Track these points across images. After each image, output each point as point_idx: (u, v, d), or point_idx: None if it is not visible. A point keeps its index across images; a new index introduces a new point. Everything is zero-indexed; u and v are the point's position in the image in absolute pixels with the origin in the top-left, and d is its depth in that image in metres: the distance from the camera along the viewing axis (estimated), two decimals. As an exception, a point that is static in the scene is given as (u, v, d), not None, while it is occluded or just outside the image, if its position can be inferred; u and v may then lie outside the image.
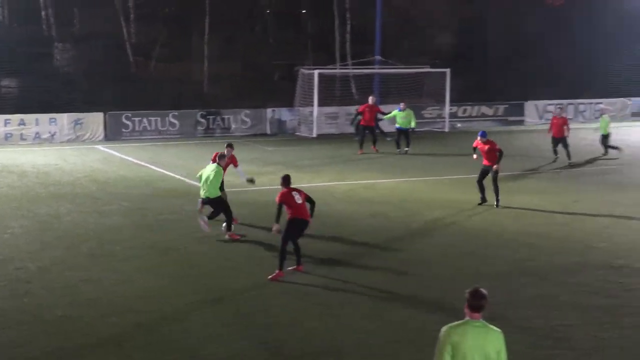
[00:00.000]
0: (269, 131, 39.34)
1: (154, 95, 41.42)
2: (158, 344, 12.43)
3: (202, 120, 38.21)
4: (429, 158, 31.85)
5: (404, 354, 12.06)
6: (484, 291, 8.10)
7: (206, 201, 18.84)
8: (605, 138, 32.01)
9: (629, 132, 39.73)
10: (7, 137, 34.86)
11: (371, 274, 16.10)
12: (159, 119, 37.44)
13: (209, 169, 18.77)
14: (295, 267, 16.10)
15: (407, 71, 41.97)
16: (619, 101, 46.10)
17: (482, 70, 49.58)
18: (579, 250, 17.83)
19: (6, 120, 35.07)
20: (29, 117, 35.36)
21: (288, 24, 51.39)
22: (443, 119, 41.37)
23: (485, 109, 43.56)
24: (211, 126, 38.32)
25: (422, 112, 40.74)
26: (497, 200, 21.96)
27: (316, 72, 38.72)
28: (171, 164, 29.63)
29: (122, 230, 19.67)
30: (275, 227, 16.02)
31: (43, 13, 44.27)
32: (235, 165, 20.17)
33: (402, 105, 33.04)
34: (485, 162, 22.03)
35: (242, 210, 20.40)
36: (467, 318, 8.12)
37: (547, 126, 32.76)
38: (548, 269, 16.47)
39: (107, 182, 26.02)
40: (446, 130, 40.73)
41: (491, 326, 8.10)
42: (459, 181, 26.29)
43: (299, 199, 15.84)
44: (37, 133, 35.35)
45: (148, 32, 46.37)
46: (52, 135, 35.61)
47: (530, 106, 44.15)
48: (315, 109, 38.65)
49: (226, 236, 18.74)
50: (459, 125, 41.92)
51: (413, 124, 32.94)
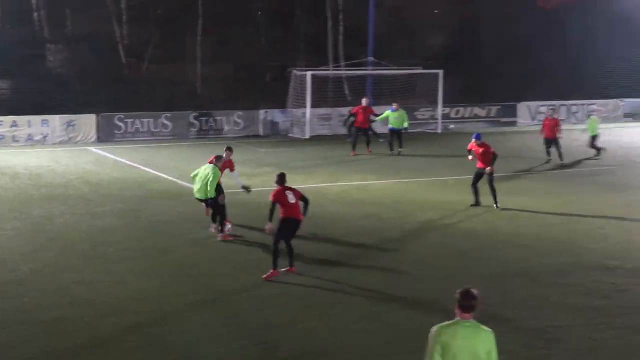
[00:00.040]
0: (261, 133, 39.33)
1: (147, 96, 41.37)
2: (154, 345, 12.43)
3: (195, 122, 38.17)
4: (422, 159, 31.88)
5: (399, 355, 12.08)
6: (475, 292, 8.12)
7: (201, 201, 18.89)
8: (594, 139, 32.13)
9: (621, 134, 39.88)
10: (0, 139, 34.80)
11: (365, 275, 16.13)
12: (151, 120, 37.40)
13: (205, 170, 18.79)
14: (287, 268, 16.11)
15: (400, 72, 41.98)
16: (611, 102, 46.23)
17: (475, 72, 49.62)
18: (572, 252, 17.88)
19: (-1, 122, 35.08)
20: (22, 119, 35.26)
21: (281, 25, 51.37)
22: (436, 120, 41.42)
23: (478, 111, 43.62)
24: (204, 128, 38.29)
25: (415, 113, 40.77)
26: (496, 202, 21.93)
27: (309, 73, 38.71)
28: (164, 165, 29.59)
29: (116, 232, 19.65)
30: (268, 226, 16.04)
31: (35, 14, 44.17)
32: (232, 170, 20.16)
33: (395, 106, 33.07)
34: (479, 164, 22.02)
35: (236, 211, 20.37)
36: (457, 318, 8.14)
37: (539, 127, 32.84)
38: (541, 270, 16.51)
39: (100, 184, 25.98)
40: (439, 131, 40.77)
41: (482, 326, 8.12)
42: (452, 182, 26.33)
43: (292, 198, 15.86)
44: (29, 135, 35.25)
45: (141, 34, 46.33)
46: (45, 137, 35.52)
47: (522, 107, 44.21)
48: (308, 110, 38.64)
49: (219, 238, 18.75)
50: (452, 126, 41.98)
51: (406, 125, 32.99)
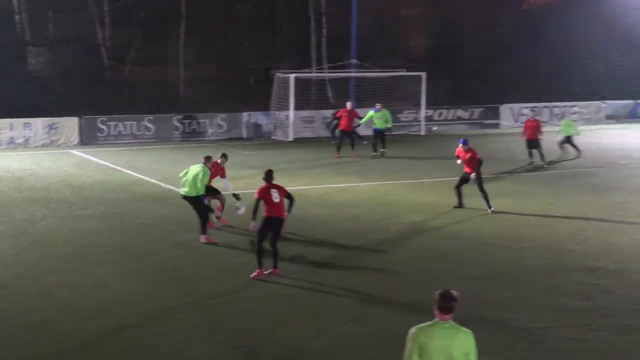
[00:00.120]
0: (245, 135, 39.29)
1: (130, 99, 41.23)
2: (137, 348, 12.39)
3: (178, 125, 38.10)
4: (405, 161, 31.92)
5: (385, 356, 12.05)
6: (454, 293, 8.12)
7: (185, 198, 18.92)
8: (568, 139, 32.20)
9: (603, 135, 40.08)
10: (-18, 142, 34.65)
11: (349, 277, 16.12)
12: (134, 123, 37.30)
13: (195, 169, 18.82)
14: (271, 270, 16.08)
15: (383, 74, 42.06)
16: (593, 104, 46.44)
17: (458, 74, 49.74)
18: (555, 253, 17.93)
19: (-20, 125, 34.88)
20: (3, 122, 35.03)
21: (263, 28, 51.31)
22: (419, 122, 41.49)
23: (460, 112, 43.73)
24: (187, 130, 38.22)
25: (399, 115, 40.82)
26: (489, 206, 21.90)
27: (292, 75, 38.71)
28: (147, 168, 29.51)
29: (98, 234, 19.58)
30: (252, 224, 16.07)
31: (17, 17, 43.92)
32: (223, 177, 20.18)
33: (378, 106, 33.07)
34: (466, 169, 22.03)
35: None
36: (436, 319, 8.13)
37: (522, 129, 32.95)
38: (524, 271, 16.56)
39: (82, 187, 25.88)
40: (422, 133, 40.85)
41: (461, 328, 8.09)
42: (435, 184, 26.38)
43: (276, 197, 15.84)
44: (11, 138, 35.06)
45: (123, 36, 46.16)
46: (27, 140, 35.36)
47: (505, 109, 44.34)
48: (291, 112, 38.63)
49: (201, 240, 18.72)
50: (435, 128, 42.07)
51: (389, 125, 33.00)
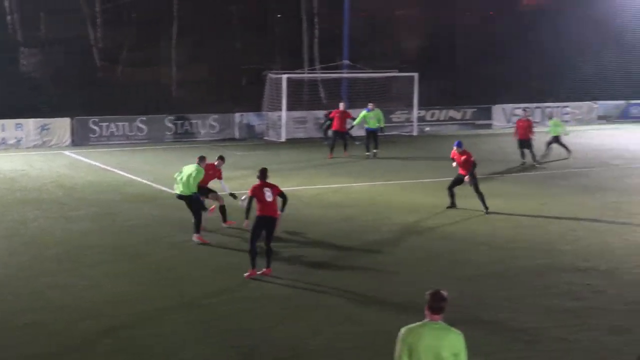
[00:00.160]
0: (237, 136, 39.25)
1: (122, 100, 41.16)
2: (129, 348, 12.36)
3: (170, 125, 38.04)
4: (398, 162, 31.93)
5: (378, 356, 12.03)
6: (444, 293, 8.11)
7: (180, 197, 18.99)
8: (556, 139, 32.23)
9: (595, 136, 40.16)
10: (-27, 143, 34.56)
11: (343, 277, 16.11)
12: (126, 124, 37.23)
13: (189, 168, 18.92)
14: (263, 270, 16.06)
15: (376, 75, 42.07)
16: (585, 105, 46.52)
17: (450, 74, 49.78)
18: (547, 253, 17.95)
19: (-28, 126, 34.79)
20: (-5, 123, 35.08)
21: (256, 29, 51.29)
22: (411, 123, 41.51)
23: (453, 113, 43.76)
24: (179, 131, 38.17)
25: (391, 116, 40.83)
26: (486, 207, 21.91)
27: (284, 76, 38.69)
28: (139, 169, 29.46)
29: (90, 235, 19.54)
30: (246, 222, 16.14)
31: (8, 17, 43.80)
32: (220, 179, 20.25)
33: (370, 105, 33.04)
34: (460, 171, 22.03)
35: (213, 213, 20.36)
36: (427, 320, 8.13)
37: (514, 130, 32.97)
38: (516, 271, 16.58)
39: (74, 188, 25.83)
40: (415, 134, 40.87)
41: (451, 328, 8.07)
42: (428, 185, 26.39)
43: (269, 196, 15.83)
44: (3, 139, 34.94)
45: (115, 37, 46.08)
46: (19, 141, 35.26)
47: (497, 110, 44.39)
48: (284, 113, 38.61)
49: (194, 239, 18.74)
50: (427, 129, 42.09)
51: (382, 124, 32.97)
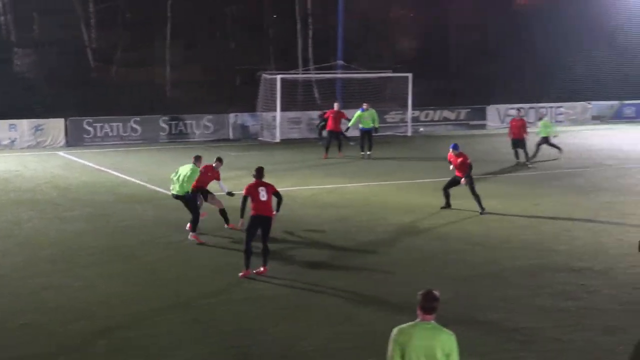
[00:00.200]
0: (231, 136, 39.25)
1: (116, 100, 41.15)
2: (124, 349, 12.34)
3: (165, 126, 38.02)
4: (392, 162, 31.94)
5: (373, 357, 12.04)
6: (436, 293, 8.13)
7: (176, 197, 19.10)
8: (546, 139, 32.23)
9: (588, 136, 40.24)
10: (-33, 143, 34.49)
11: (338, 278, 16.11)
12: (120, 124, 37.20)
13: (185, 168, 19.04)
14: (257, 270, 16.07)
15: (370, 76, 42.10)
16: (579, 105, 46.61)
17: (444, 75, 49.83)
18: (541, 253, 17.96)
19: (-35, 126, 34.71)
20: (-11, 123, 35.01)
21: (250, 29, 51.30)
22: (406, 123, 41.54)
23: (447, 113, 43.82)
24: (174, 132, 38.15)
25: (385, 116, 40.86)
26: (482, 208, 21.93)
27: (279, 76, 38.68)
28: (133, 169, 29.44)
29: (84, 236, 19.51)
30: (241, 222, 16.12)
31: (2, 18, 43.77)
32: (218, 180, 20.28)
33: (364, 105, 33.03)
34: (457, 173, 22.06)
35: (209, 213, 20.36)
36: (418, 320, 8.15)
37: (507, 129, 32.99)
38: (511, 271, 16.58)
39: (68, 189, 25.80)
40: (409, 134, 40.90)
41: (443, 329, 8.09)
42: (422, 185, 26.41)
43: (263, 195, 15.82)
44: (-4, 139, 34.99)
45: (109, 38, 46.06)
46: (13, 142, 35.21)
47: (492, 110, 44.46)
48: (278, 113, 38.60)
49: (190, 237, 18.78)
50: (421, 129, 42.11)
51: (376, 124, 32.95)
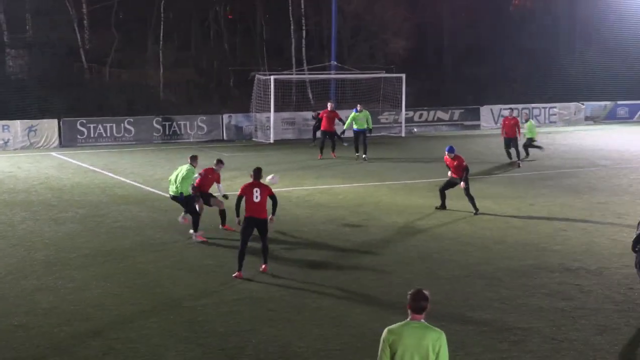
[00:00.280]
0: (225, 137, 39.25)
1: (109, 101, 41.14)
2: (116, 351, 12.31)
3: (158, 127, 38.00)
4: (386, 163, 31.95)
5: (368, 357, 12.03)
6: (426, 293, 8.23)
7: (173, 198, 19.25)
8: (530, 141, 32.26)
9: (582, 136, 40.30)
10: (-40, 144, 34.43)
11: (330, 278, 16.09)
12: (114, 125, 37.19)
13: (181, 169, 19.17)
14: (254, 270, 16.09)
15: (363, 76, 42.12)
16: (572, 106, 46.69)
17: (438, 75, 49.89)
18: (535, 253, 17.98)
19: (-42, 127, 34.67)
20: (-18, 125, 34.95)
21: (243, 30, 51.31)
22: (399, 124, 41.57)
23: (441, 114, 43.87)
24: (167, 132, 38.13)
25: (379, 117, 40.91)
26: (476, 209, 21.92)
27: (272, 77, 38.68)
28: (127, 170, 29.42)
29: (78, 237, 19.47)
30: (237, 221, 16.14)
31: (-5, 19, 43.77)
32: (218, 182, 20.28)
33: (358, 106, 33.05)
34: (454, 175, 22.12)
35: (204, 215, 20.34)
36: (408, 319, 8.22)
37: (501, 128, 33.03)
38: (505, 271, 16.58)
39: (62, 189, 25.76)
40: (402, 135, 40.93)
41: (432, 327, 8.19)
42: (416, 186, 26.43)
43: (257, 197, 15.82)
44: (-10, 140, 34.94)
45: (102, 39, 46.02)
46: (6, 142, 35.18)
47: (485, 111, 44.52)
48: (272, 114, 38.61)
49: (194, 238, 18.93)
50: (415, 130, 42.15)
51: (370, 126, 32.95)
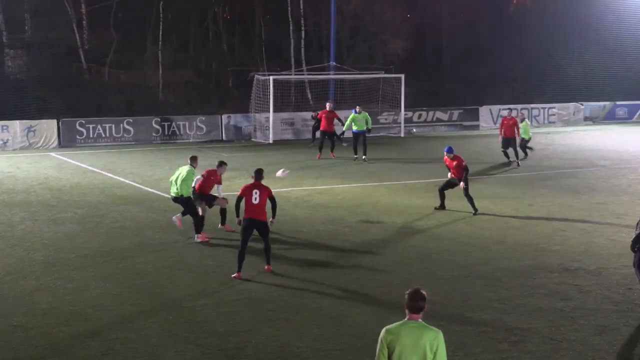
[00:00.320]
0: (224, 137, 39.25)
1: (108, 102, 41.14)
2: (116, 351, 12.30)
3: (157, 127, 38.00)
4: (385, 163, 31.95)
5: (366, 358, 12.03)
6: (423, 292, 8.24)
7: (174, 199, 19.27)
8: (525, 141, 32.25)
9: (581, 137, 40.29)
10: (-41, 145, 34.43)
11: (329, 278, 16.09)
12: (113, 125, 37.19)
13: (181, 170, 19.15)
14: (265, 268, 16.33)
15: (362, 77, 42.12)
16: (571, 106, 46.70)
17: (437, 76, 49.90)
18: (534, 254, 17.98)
19: (-43, 128, 34.67)
20: (-19, 125, 34.95)
21: (242, 31, 51.31)
22: (398, 124, 41.58)
23: (440, 114, 43.88)
24: (166, 133, 38.13)
25: (378, 117, 40.91)
26: (475, 209, 21.92)
27: (271, 78, 38.69)
28: (126, 171, 29.41)
29: (77, 238, 19.47)
30: (237, 221, 16.15)
31: (-6, 19, 43.77)
32: (219, 184, 20.30)
33: (357, 108, 33.03)
34: (453, 174, 22.12)
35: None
36: (406, 319, 8.24)
37: (499, 128, 33.01)
38: (504, 272, 16.58)
39: (61, 190, 25.75)
40: (402, 135, 40.93)
41: (429, 326, 8.21)
42: (415, 186, 26.43)
43: (256, 199, 15.84)
44: (-11, 141, 34.93)
45: (101, 39, 46.03)
46: (5, 143, 35.17)
47: (484, 111, 44.52)
48: (271, 114, 38.61)
49: (197, 239, 18.94)
50: (414, 130, 42.15)
51: (369, 126, 32.94)
